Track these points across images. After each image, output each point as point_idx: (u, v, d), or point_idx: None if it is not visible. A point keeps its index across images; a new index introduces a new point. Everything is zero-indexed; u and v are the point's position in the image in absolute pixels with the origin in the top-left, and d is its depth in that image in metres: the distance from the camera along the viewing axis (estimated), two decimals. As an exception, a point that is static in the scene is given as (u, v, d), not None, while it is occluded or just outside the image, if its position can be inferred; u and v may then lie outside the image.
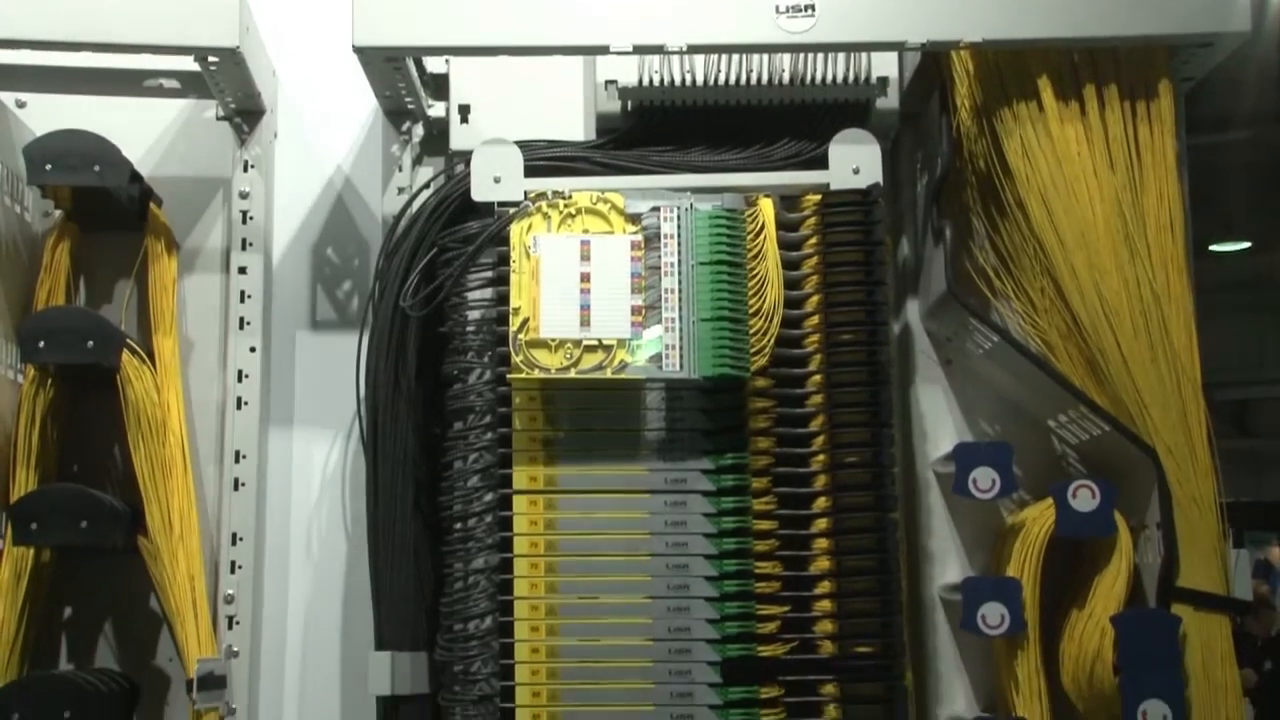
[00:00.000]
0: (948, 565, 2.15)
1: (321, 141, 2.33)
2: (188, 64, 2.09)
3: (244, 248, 2.19)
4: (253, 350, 2.17)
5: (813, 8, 1.90)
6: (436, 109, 2.21)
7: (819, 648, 1.90)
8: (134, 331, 2.14)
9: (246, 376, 2.16)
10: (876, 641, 1.89)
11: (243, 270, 2.19)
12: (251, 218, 2.20)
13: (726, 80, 2.06)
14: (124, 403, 2.01)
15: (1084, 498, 1.96)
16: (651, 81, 2.06)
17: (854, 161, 2.00)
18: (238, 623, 2.09)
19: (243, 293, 2.18)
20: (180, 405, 2.07)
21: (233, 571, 2.10)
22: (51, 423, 2.06)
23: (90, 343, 1.99)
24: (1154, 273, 1.97)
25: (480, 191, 2.00)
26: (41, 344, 1.98)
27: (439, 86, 2.20)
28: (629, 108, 2.10)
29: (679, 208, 1.94)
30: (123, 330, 2.08)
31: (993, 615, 1.95)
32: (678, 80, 2.06)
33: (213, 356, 2.18)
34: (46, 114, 2.14)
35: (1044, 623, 2.00)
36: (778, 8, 1.90)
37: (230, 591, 2.10)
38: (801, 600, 1.92)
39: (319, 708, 2.17)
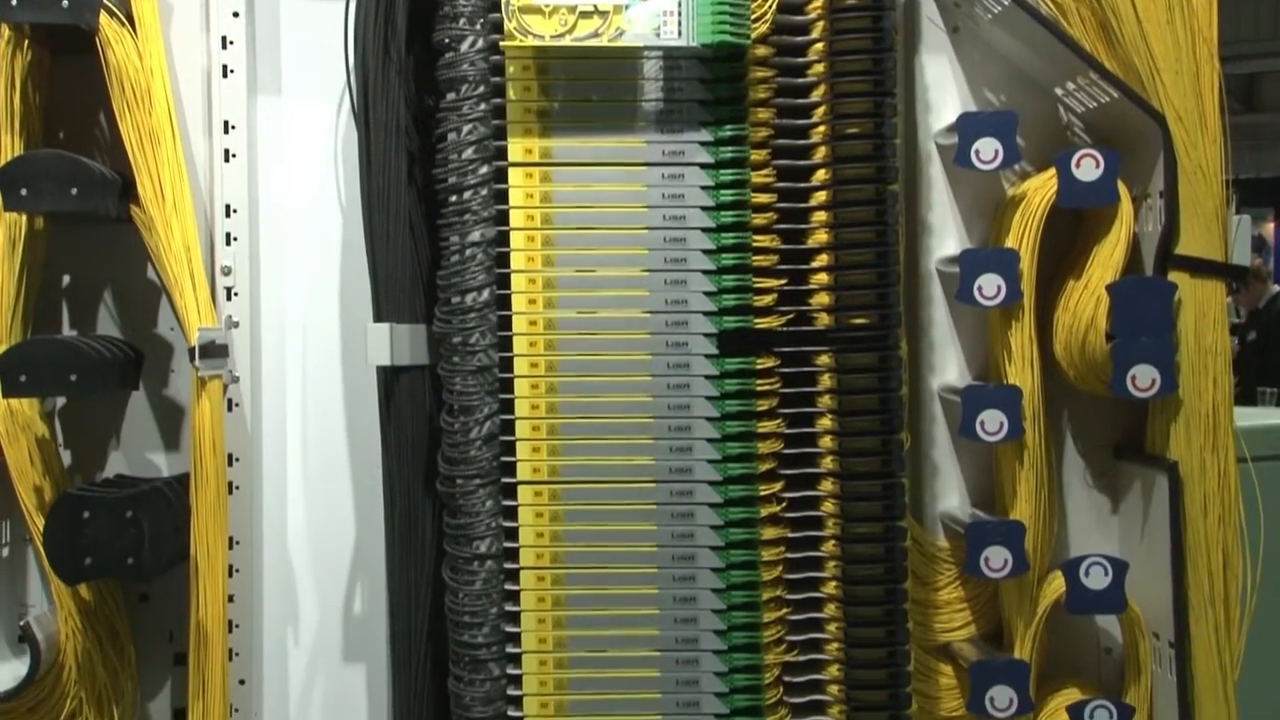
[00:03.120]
0: (946, 238, 2.14)
1: None
2: None
3: (219, -99, 2.09)
4: (235, 15, 2.09)
5: None
6: None
7: (815, 319, 1.92)
8: (110, -6, 2.06)
9: (231, 43, 2.09)
10: (872, 313, 1.90)
11: (220, -73, 2.09)
12: None
13: None
14: (106, 68, 1.96)
15: (1087, 167, 1.94)
16: None
17: None
18: (236, 294, 2.10)
19: (221, -48, 2.09)
20: (164, 72, 2.01)
21: (228, 243, 2.09)
22: (33, 87, 2.01)
23: (65, 1, 1.92)
24: (1176, -79, 1.89)
25: None
26: (14, 0, 1.91)
27: None
28: None
29: None
30: (97, -10, 2.00)
31: (989, 286, 1.96)
32: None
33: (195, 22, 2.10)
34: None
35: (1039, 295, 2.02)
36: None
37: (227, 263, 2.09)
38: (799, 273, 1.93)
39: (320, 378, 2.20)
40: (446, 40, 1.92)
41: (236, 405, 2.10)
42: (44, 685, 2.04)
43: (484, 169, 1.92)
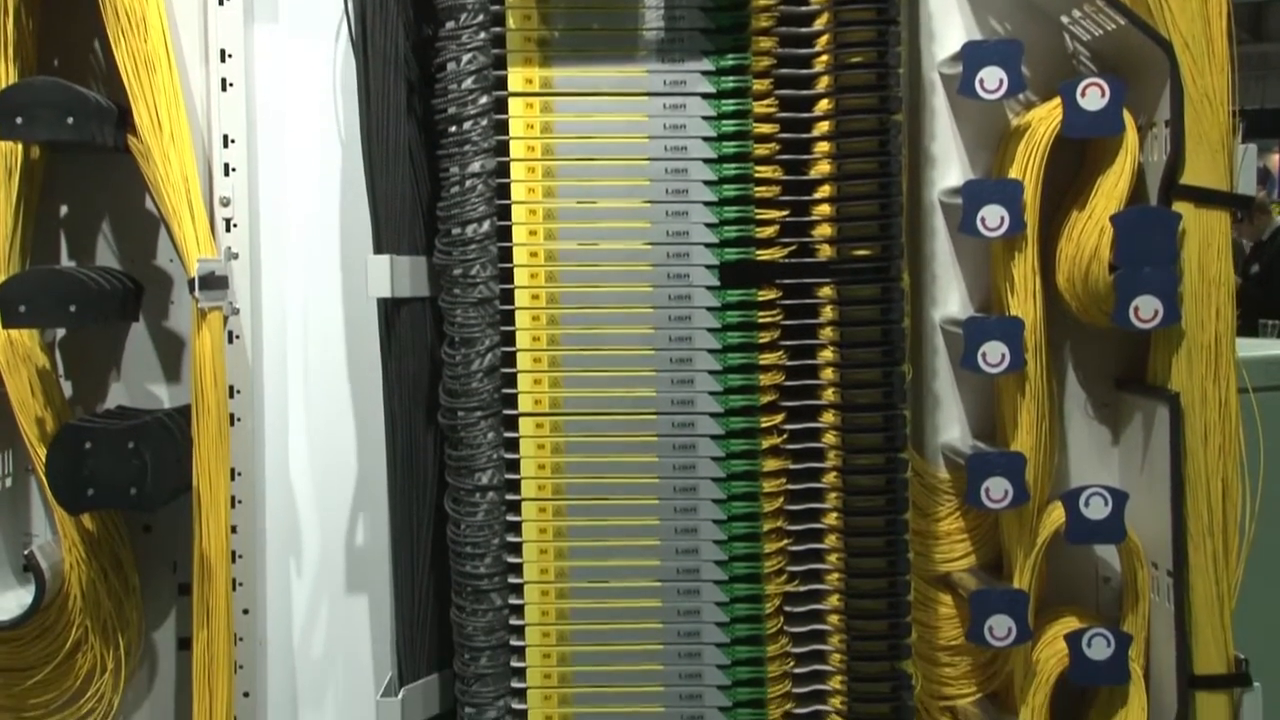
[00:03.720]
0: (949, 169, 2.13)
1: None
2: None
3: None
4: (231, -59, 2.07)
5: None
6: None
7: (817, 251, 1.91)
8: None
9: (226, -30, 2.07)
10: (875, 244, 1.89)
11: None
12: None
13: None
14: (100, -7, 1.94)
15: (1093, 96, 1.92)
16: None
17: None
18: (235, 225, 2.08)
19: (211, -125, 2.06)
20: (159, -2, 1.99)
21: (226, 174, 2.08)
22: (26, 13, 1.99)
23: (57, -74, 1.90)
24: None
25: None
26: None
27: None
28: None
29: None
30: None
31: (992, 217, 1.95)
32: None
33: (189, -52, 2.08)
34: None
35: (1043, 227, 2.01)
36: None
37: (225, 194, 2.08)
38: (801, 204, 1.91)
39: (321, 310, 2.20)
40: (445, -33, 1.90)
41: (237, 337, 2.10)
42: (49, 613, 2.06)
43: (484, 99, 1.90)
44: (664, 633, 1.90)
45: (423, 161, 1.99)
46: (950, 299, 2.14)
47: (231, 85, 2.08)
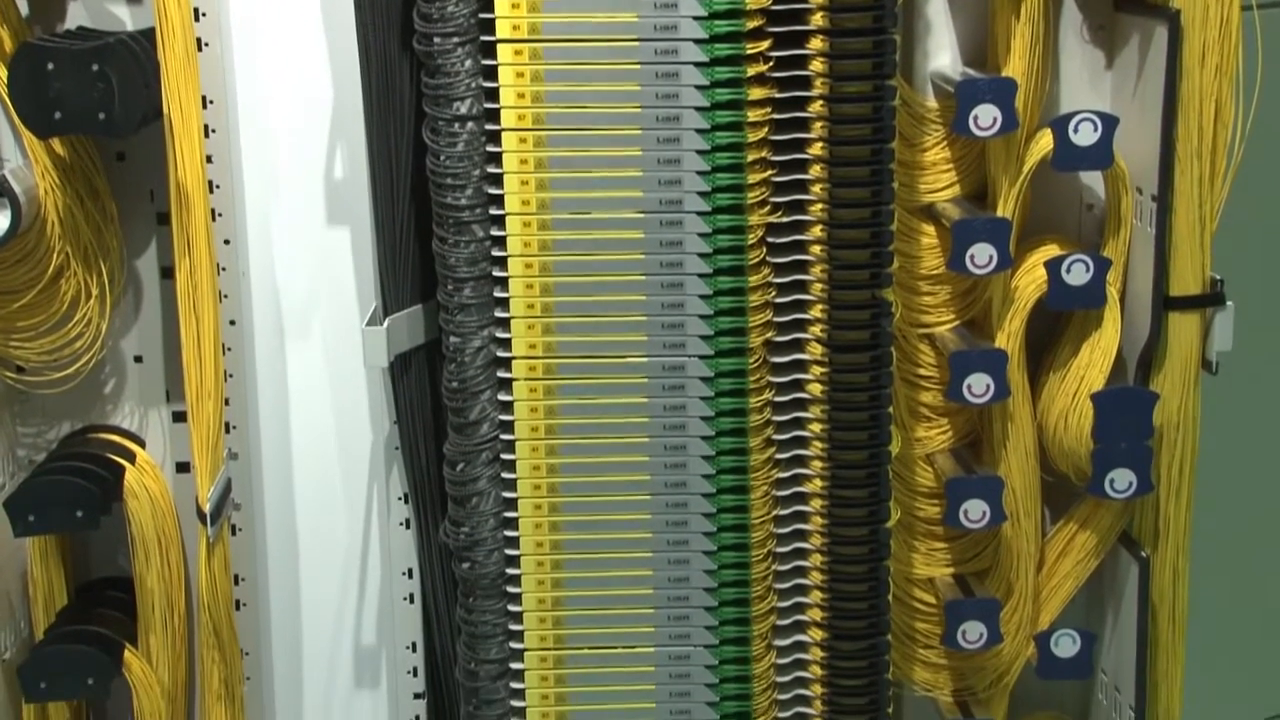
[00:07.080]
0: None
1: None
2: None
3: None
4: None
5: None
6: None
7: None
8: None
9: None
10: None
11: None
12: None
13: None
14: None
15: None
16: None
17: None
18: None
19: None
20: None
21: None
22: None
23: None
24: None
25: None
26: None
27: None
28: None
29: None
30: None
31: None
32: None
33: None
34: None
35: None
36: None
37: None
38: None
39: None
40: None
41: (194, -47, 2.00)
42: (28, 239, 2.04)
43: None
44: (645, 264, 1.90)
45: None
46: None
47: None
